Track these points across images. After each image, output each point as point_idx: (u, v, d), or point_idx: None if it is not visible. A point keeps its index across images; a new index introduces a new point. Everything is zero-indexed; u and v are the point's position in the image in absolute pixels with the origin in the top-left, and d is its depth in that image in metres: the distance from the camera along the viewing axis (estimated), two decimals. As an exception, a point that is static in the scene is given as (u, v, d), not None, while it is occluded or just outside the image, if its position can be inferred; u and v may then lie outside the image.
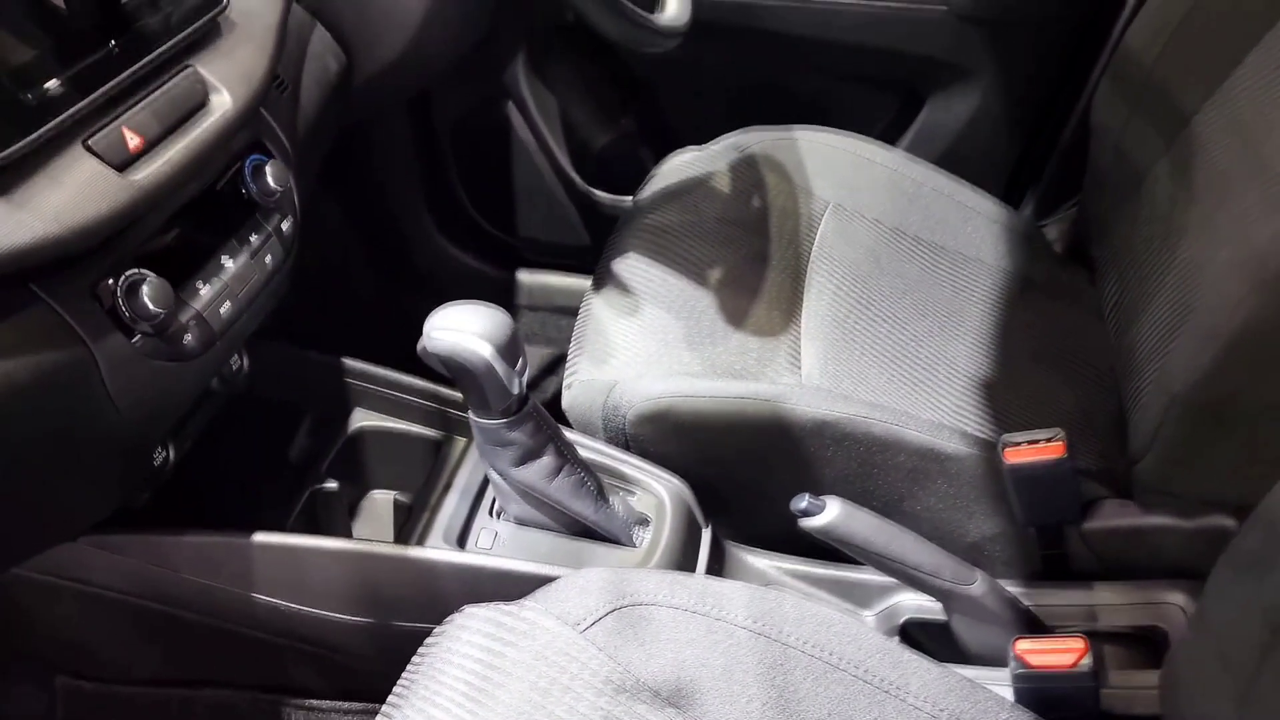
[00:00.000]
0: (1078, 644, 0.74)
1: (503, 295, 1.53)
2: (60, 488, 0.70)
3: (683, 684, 0.70)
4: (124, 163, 0.63)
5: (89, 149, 0.62)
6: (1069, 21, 1.32)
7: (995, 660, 0.85)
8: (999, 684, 0.77)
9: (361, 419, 1.00)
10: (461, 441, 0.96)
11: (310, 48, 0.90)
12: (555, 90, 1.48)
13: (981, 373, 1.03)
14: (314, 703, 0.93)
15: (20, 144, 0.58)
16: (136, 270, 0.66)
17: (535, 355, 1.48)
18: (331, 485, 0.95)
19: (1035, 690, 0.74)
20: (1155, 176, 1.06)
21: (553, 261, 1.52)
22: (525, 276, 1.54)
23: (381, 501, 0.98)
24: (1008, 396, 1.01)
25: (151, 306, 0.65)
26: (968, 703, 0.71)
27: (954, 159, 1.36)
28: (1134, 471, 0.91)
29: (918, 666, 0.72)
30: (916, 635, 0.93)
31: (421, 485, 0.92)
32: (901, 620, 0.92)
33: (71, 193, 0.60)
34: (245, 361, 0.94)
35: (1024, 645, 0.75)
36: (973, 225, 1.24)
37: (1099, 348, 1.07)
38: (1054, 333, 1.12)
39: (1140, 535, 0.91)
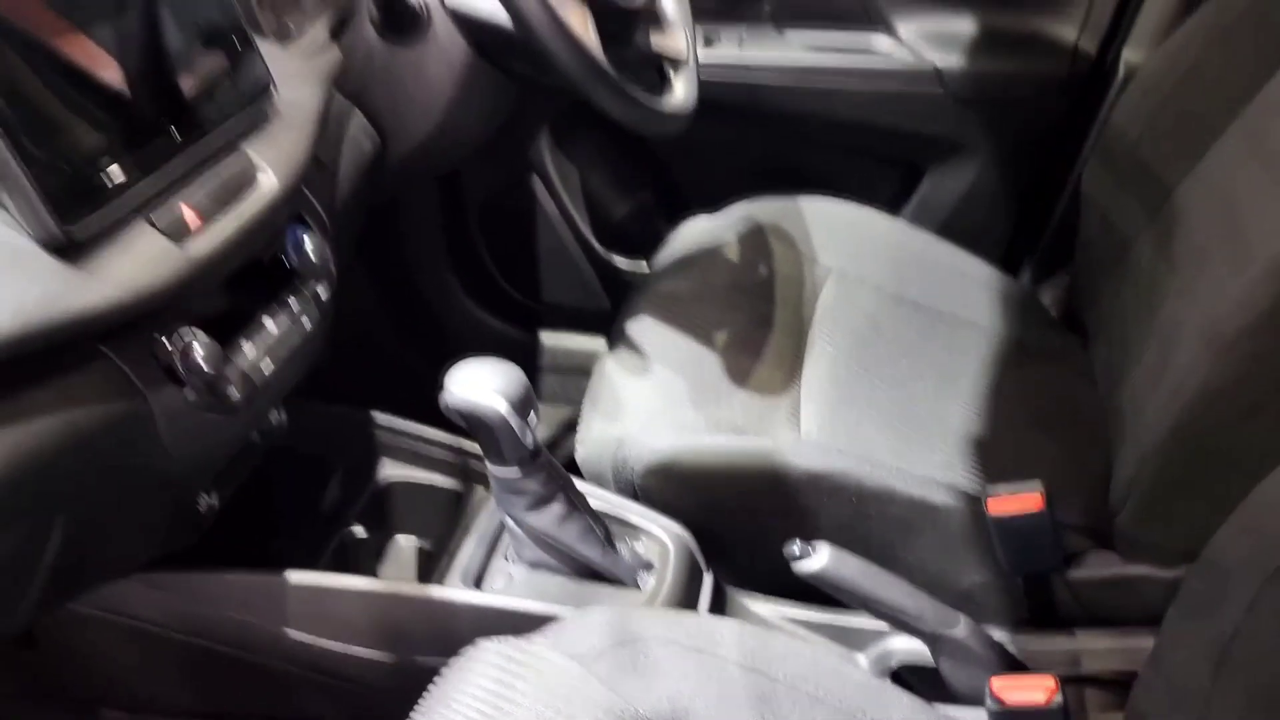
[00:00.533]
0: (1049, 683, 0.79)
1: (526, 356, 1.60)
2: (118, 527, 0.77)
3: (678, 714, 0.75)
4: (182, 236, 0.72)
5: (151, 224, 0.70)
6: (1060, 101, 1.40)
7: (980, 702, 0.89)
8: (977, 721, 0.82)
9: (388, 470, 1.07)
10: (480, 491, 1.03)
11: (348, 131, 0.99)
12: (577, 163, 1.57)
13: (973, 431, 1.09)
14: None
15: (94, 220, 0.66)
16: (190, 330, 0.74)
17: (556, 414, 1.55)
18: (359, 531, 1.02)
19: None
20: (1139, 246, 1.11)
21: (574, 324, 1.60)
22: (548, 339, 1.62)
23: (405, 546, 1.04)
24: (998, 453, 1.06)
25: (203, 364, 0.73)
26: (947, 736, 0.76)
27: (954, 229, 1.43)
28: (1114, 524, 0.96)
29: (898, 702, 0.77)
30: (908, 679, 0.97)
31: (442, 531, 0.98)
32: (893, 664, 0.97)
33: (137, 263, 0.68)
34: (283, 417, 1.02)
35: (999, 683, 0.80)
36: (970, 291, 1.30)
37: (1090, 408, 1.13)
38: (1046, 394, 1.17)
39: (1121, 585, 0.96)
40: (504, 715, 0.74)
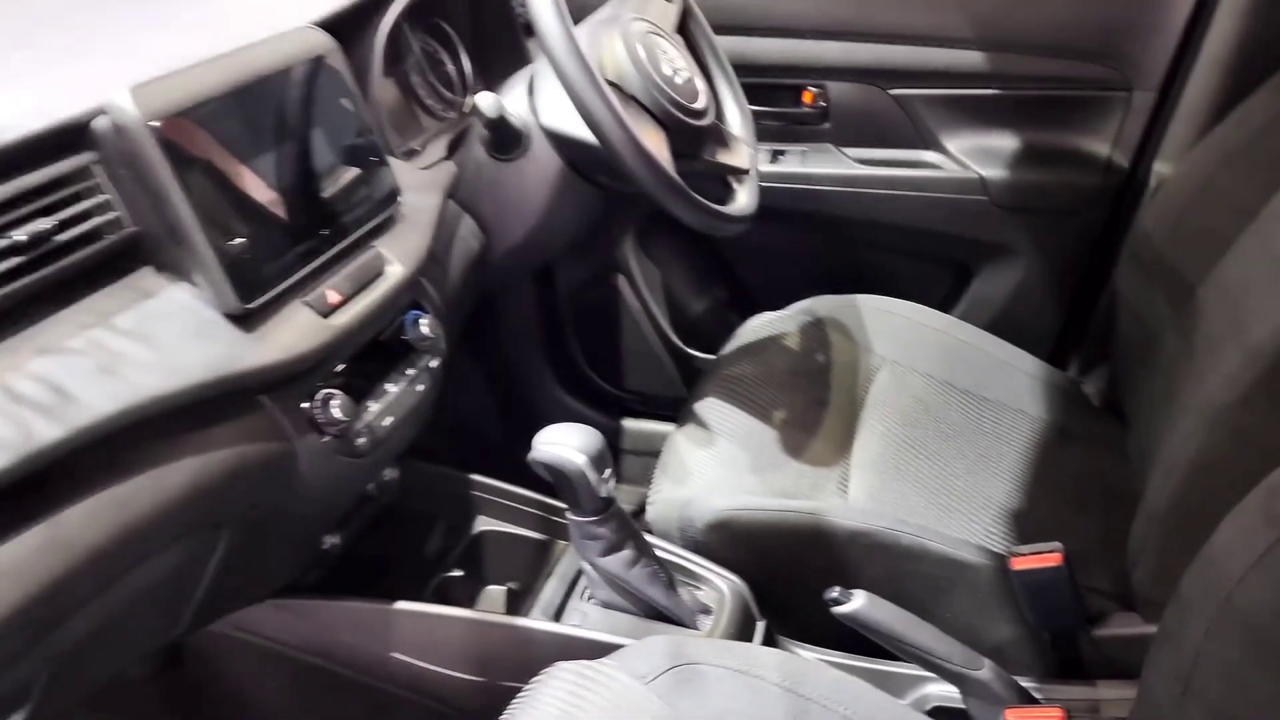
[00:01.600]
0: (1057, 713, 0.88)
1: (609, 440, 1.75)
2: (262, 552, 0.93)
3: (724, 729, 0.86)
4: (326, 312, 0.89)
5: (304, 303, 0.88)
6: (1096, 209, 1.52)
7: (1005, 740, 0.98)
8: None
9: (483, 523, 1.22)
10: (561, 543, 1.17)
11: (459, 232, 1.17)
12: (658, 264, 1.73)
13: (1007, 503, 1.18)
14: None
15: (262, 299, 0.84)
16: (329, 389, 0.90)
17: (635, 494, 1.68)
18: (457, 573, 1.16)
19: (1020, 749, 0.88)
20: (1165, 339, 1.21)
21: (653, 411, 1.74)
22: (630, 424, 1.76)
23: (496, 586, 1.17)
24: (1028, 522, 1.15)
25: (338, 416, 0.89)
26: (961, 757, 0.86)
27: (1003, 325, 1.54)
28: (1131, 585, 1.04)
29: (919, 724, 0.87)
30: (942, 721, 1.06)
31: (528, 574, 1.12)
32: (928, 707, 1.06)
33: (292, 332, 0.85)
34: (397, 474, 1.18)
35: (1012, 714, 0.89)
36: (1016, 381, 1.40)
37: (1120, 485, 1.21)
38: (1084, 474, 1.26)
39: (1143, 642, 1.04)
40: (575, 721, 0.86)
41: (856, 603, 0.97)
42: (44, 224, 0.74)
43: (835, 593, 0.98)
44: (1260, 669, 0.63)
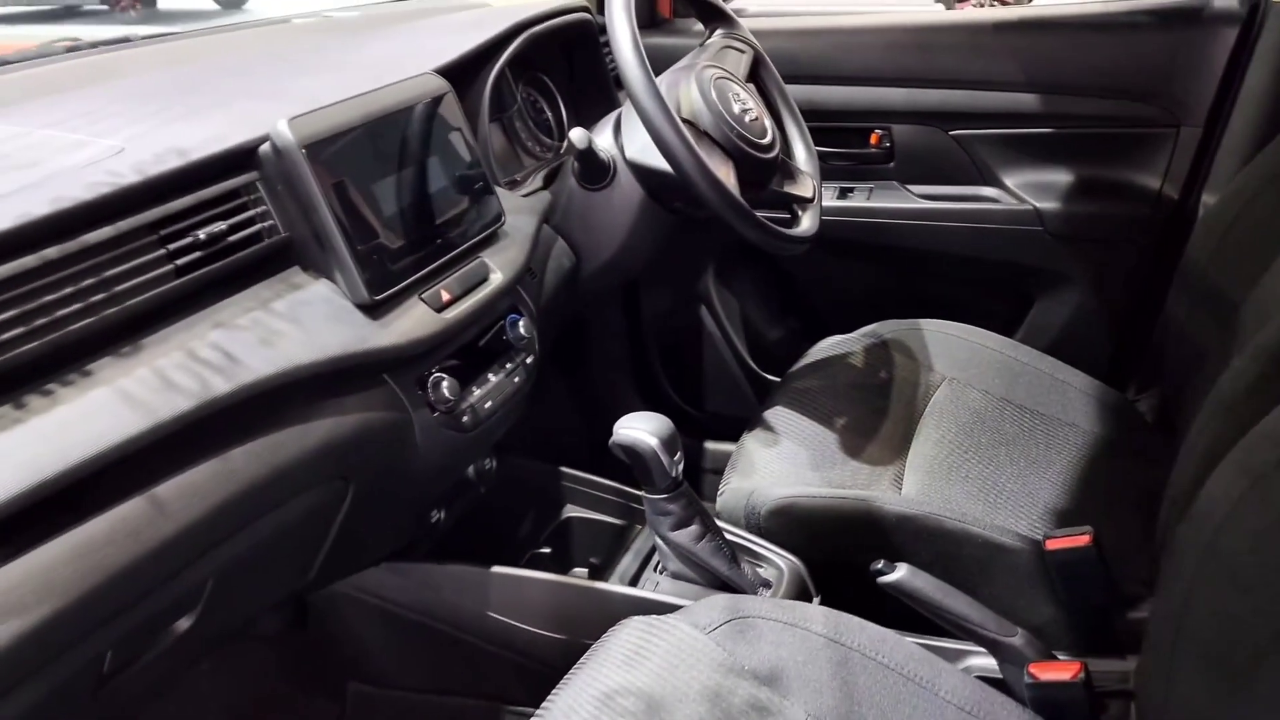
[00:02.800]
0: (1076, 666, 0.97)
1: (691, 460, 1.88)
2: (381, 512, 1.08)
3: (774, 671, 0.97)
4: (440, 308, 1.05)
5: (421, 299, 1.04)
6: (1147, 238, 1.61)
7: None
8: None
9: (570, 510, 1.36)
10: (637, 526, 1.31)
11: (553, 251, 1.33)
12: (736, 295, 1.87)
13: (1053, 502, 1.27)
14: (522, 709, 1.24)
15: (387, 293, 1.00)
16: (440, 373, 1.06)
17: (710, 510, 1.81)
18: (546, 550, 1.31)
19: (1041, 698, 0.97)
20: (1211, 356, 1.30)
21: (728, 431, 1.87)
22: (710, 445, 1.89)
23: (579, 560, 1.31)
24: (1071, 517, 1.24)
25: (447, 395, 1.05)
26: (985, 702, 0.95)
27: (1062, 348, 1.62)
28: (1158, 567, 1.12)
29: (949, 673, 0.97)
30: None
31: (607, 551, 1.26)
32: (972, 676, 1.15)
33: (410, 322, 1.02)
34: (494, 463, 1.33)
35: (1035, 667, 0.98)
36: (1069, 398, 1.49)
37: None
38: (1129, 480, 1.34)
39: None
40: (639, 663, 0.99)
41: (899, 573, 1.08)
42: (219, 227, 0.92)
43: (881, 564, 1.08)
44: (1242, 606, 0.72)
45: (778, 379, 1.83)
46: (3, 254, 0.76)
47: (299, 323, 0.94)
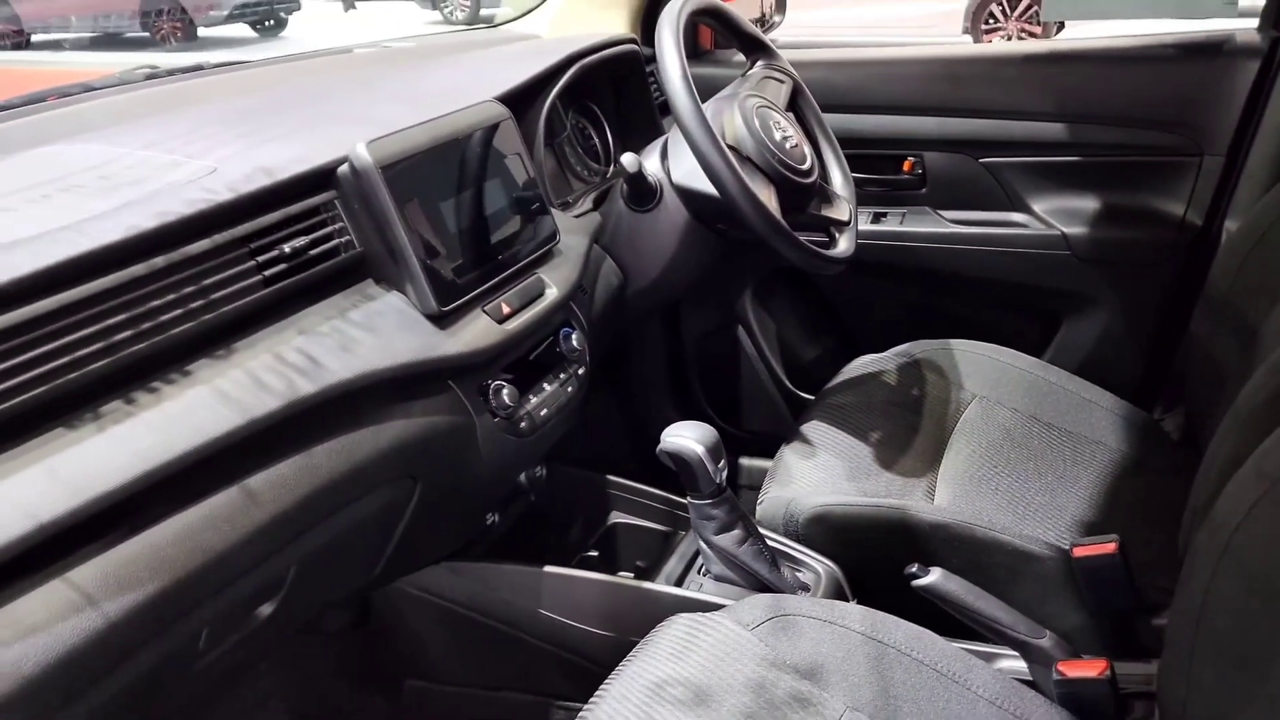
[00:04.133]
0: (1103, 664, 1.01)
1: (729, 477, 1.94)
2: (443, 515, 1.15)
3: (815, 666, 1.02)
4: (501, 320, 1.12)
5: (484, 311, 1.11)
6: (1172, 263, 1.65)
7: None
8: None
9: (616, 516, 1.42)
10: (681, 532, 1.36)
11: (602, 269, 1.40)
12: (773, 317, 1.93)
13: (1081, 514, 1.31)
14: (571, 704, 1.29)
15: (454, 304, 1.07)
16: (500, 381, 1.13)
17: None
18: (594, 553, 1.36)
19: (1069, 694, 1.01)
20: (1233, 378, 1.34)
21: (765, 449, 1.92)
22: (746, 462, 1.94)
23: (626, 564, 1.37)
24: (1098, 528, 1.28)
25: (507, 402, 1.11)
26: (1016, 698, 1.00)
27: (1090, 369, 1.66)
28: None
29: (982, 669, 1.02)
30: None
31: (653, 556, 1.31)
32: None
33: (474, 333, 1.08)
34: (544, 472, 1.39)
35: (1063, 665, 1.03)
36: (1097, 417, 1.53)
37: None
38: (1151, 496, 1.38)
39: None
40: (686, 656, 1.04)
41: (933, 577, 1.12)
42: (301, 241, 0.99)
43: (915, 568, 1.13)
44: (1257, 606, 0.77)
45: (812, 397, 1.88)
46: (116, 262, 0.84)
47: (374, 331, 1.00)
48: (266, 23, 11.14)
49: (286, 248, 0.97)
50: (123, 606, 0.75)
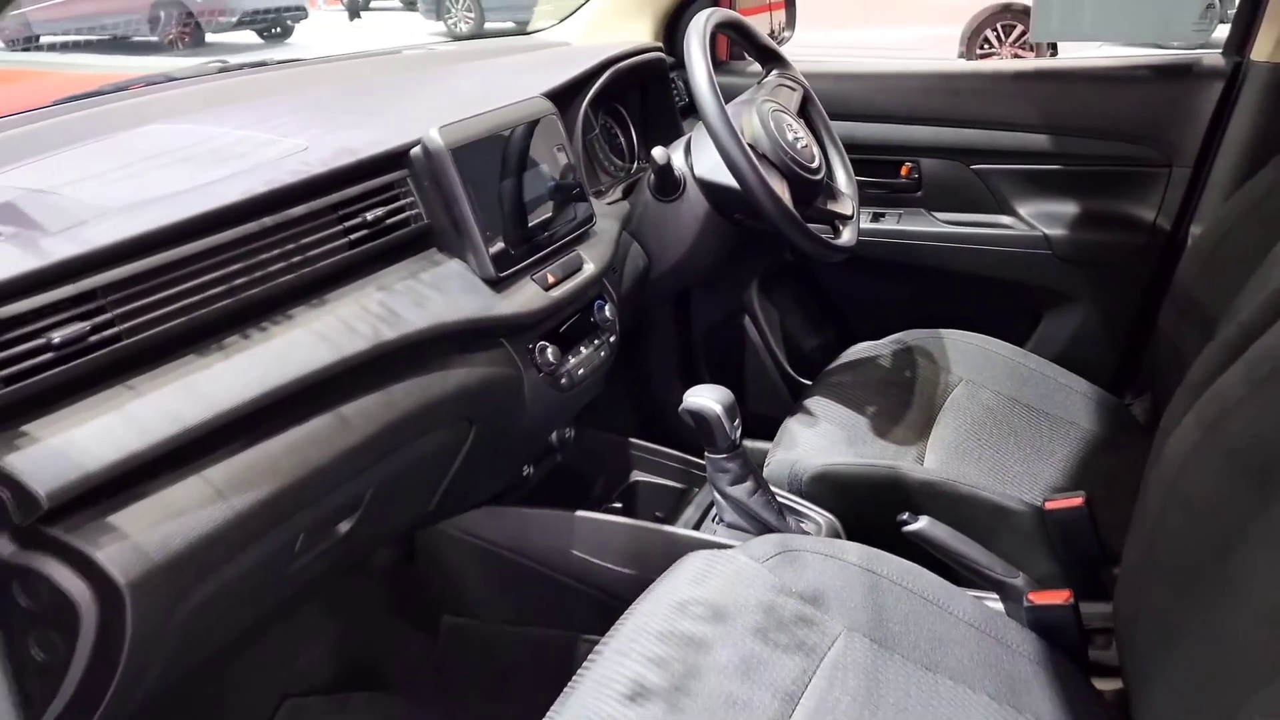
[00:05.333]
0: (1067, 593, 1.16)
1: None
2: (491, 458, 1.29)
3: (817, 593, 1.16)
4: (547, 288, 1.26)
5: (532, 279, 1.26)
6: (1144, 264, 1.81)
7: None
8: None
9: (636, 474, 1.56)
10: (696, 489, 1.51)
11: (630, 252, 1.55)
12: (777, 306, 2.08)
13: (1054, 480, 1.46)
14: (596, 638, 1.42)
15: (508, 272, 1.22)
16: (544, 342, 1.27)
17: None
18: (617, 506, 1.51)
19: (1037, 619, 1.16)
20: (1191, 366, 1.49)
21: (769, 432, 2.06)
22: (748, 443, 2.08)
23: (646, 516, 1.51)
24: (1071, 489, 1.43)
25: (551, 360, 1.26)
26: (992, 622, 1.14)
27: (1067, 359, 1.81)
28: None
29: (962, 597, 1.16)
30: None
31: (671, 508, 1.46)
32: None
33: (525, 297, 1.23)
34: (573, 433, 1.54)
35: (1033, 595, 1.17)
36: (1071, 401, 1.68)
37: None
38: (1122, 470, 1.52)
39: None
40: (704, 582, 1.17)
41: (921, 523, 1.27)
42: (378, 212, 1.13)
43: (905, 516, 1.28)
44: (1194, 527, 0.92)
45: (811, 383, 2.03)
46: (234, 219, 0.98)
47: (441, 290, 1.15)
48: (273, 30, 11.30)
49: (368, 216, 1.11)
50: (246, 502, 0.89)
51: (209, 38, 10.80)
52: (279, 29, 11.36)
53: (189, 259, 0.93)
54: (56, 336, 0.80)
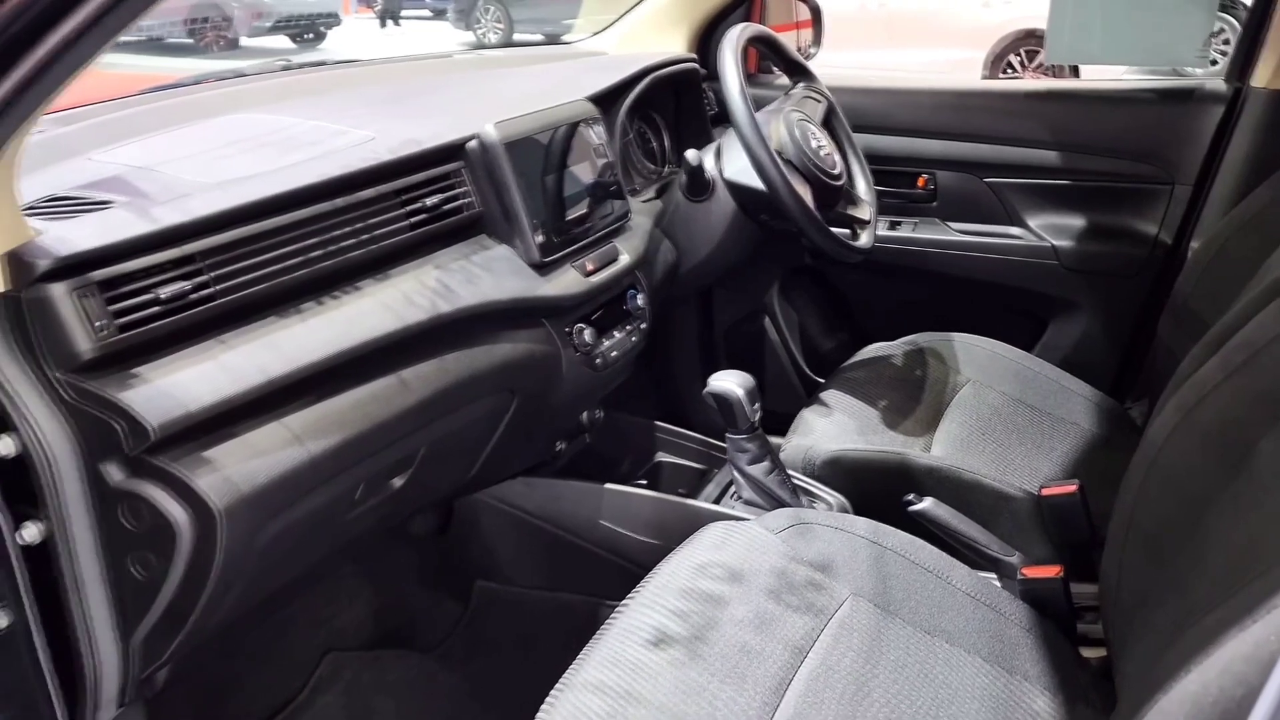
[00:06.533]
0: (1058, 568, 1.25)
1: None
2: (529, 430, 1.39)
3: (826, 561, 1.25)
4: (586, 275, 1.36)
5: (572, 266, 1.36)
6: (1146, 275, 1.90)
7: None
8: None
9: (660, 456, 1.66)
10: (716, 470, 1.60)
11: (661, 248, 1.65)
12: (796, 308, 2.18)
13: (1052, 472, 1.55)
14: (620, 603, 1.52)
15: (552, 258, 1.32)
16: (581, 324, 1.37)
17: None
18: (643, 482, 1.60)
19: (1030, 592, 1.25)
20: (1185, 369, 1.58)
21: (784, 429, 2.15)
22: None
23: (669, 493, 1.61)
24: (1072, 478, 1.52)
25: (587, 340, 1.36)
26: (989, 593, 1.23)
27: (1071, 363, 1.89)
28: None
29: (961, 570, 1.25)
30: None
31: (693, 487, 1.55)
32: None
33: (566, 281, 1.33)
34: (601, 415, 1.64)
35: (1026, 570, 1.26)
36: (1073, 403, 1.77)
37: None
38: (1117, 467, 1.60)
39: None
40: (723, 548, 1.26)
41: (925, 503, 1.36)
42: (437, 198, 1.24)
43: (911, 496, 1.37)
44: (1170, 503, 1.00)
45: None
46: (310, 198, 1.09)
47: (491, 271, 1.25)
48: (306, 35, 11.47)
49: (427, 201, 1.22)
50: (319, 447, 0.99)
51: (243, 41, 10.97)
52: (312, 34, 11.52)
53: (273, 231, 1.03)
54: (164, 292, 0.91)
